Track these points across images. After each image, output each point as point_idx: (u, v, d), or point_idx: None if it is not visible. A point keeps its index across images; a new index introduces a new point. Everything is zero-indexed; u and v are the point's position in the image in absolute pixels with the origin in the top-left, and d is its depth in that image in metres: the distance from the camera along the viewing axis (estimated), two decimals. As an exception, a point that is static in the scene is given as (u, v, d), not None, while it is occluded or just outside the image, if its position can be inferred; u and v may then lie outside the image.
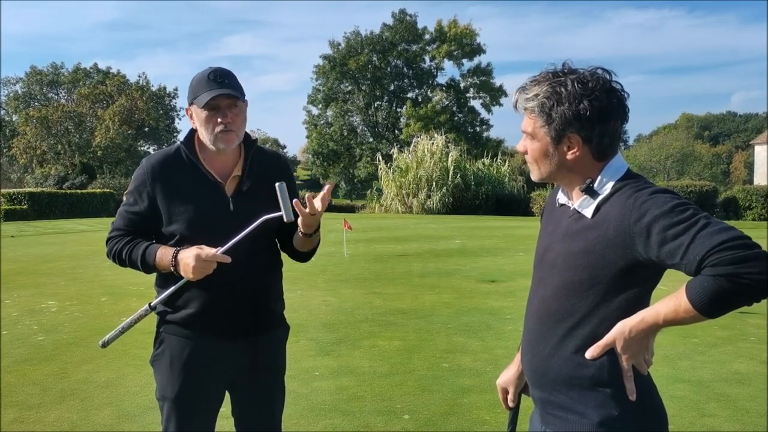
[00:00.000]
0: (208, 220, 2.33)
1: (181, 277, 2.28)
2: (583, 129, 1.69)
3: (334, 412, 4.36)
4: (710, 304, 1.51)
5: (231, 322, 2.38)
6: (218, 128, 2.30)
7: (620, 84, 1.73)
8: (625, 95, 1.73)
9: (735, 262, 1.46)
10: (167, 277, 2.38)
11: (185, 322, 2.36)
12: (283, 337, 2.59)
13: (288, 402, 2.63)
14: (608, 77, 1.71)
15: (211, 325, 2.36)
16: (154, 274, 2.47)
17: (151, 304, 2.37)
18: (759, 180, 42.86)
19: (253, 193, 2.40)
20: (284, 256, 2.59)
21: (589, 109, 1.67)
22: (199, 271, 2.22)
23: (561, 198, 1.86)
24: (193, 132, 2.42)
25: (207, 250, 2.23)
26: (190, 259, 2.22)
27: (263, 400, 2.51)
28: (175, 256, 2.26)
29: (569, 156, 1.74)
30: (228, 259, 2.23)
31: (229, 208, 2.35)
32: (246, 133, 2.44)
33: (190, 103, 2.36)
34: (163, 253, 2.30)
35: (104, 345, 2.44)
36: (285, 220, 2.24)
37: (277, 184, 2.24)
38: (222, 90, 2.28)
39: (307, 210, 2.23)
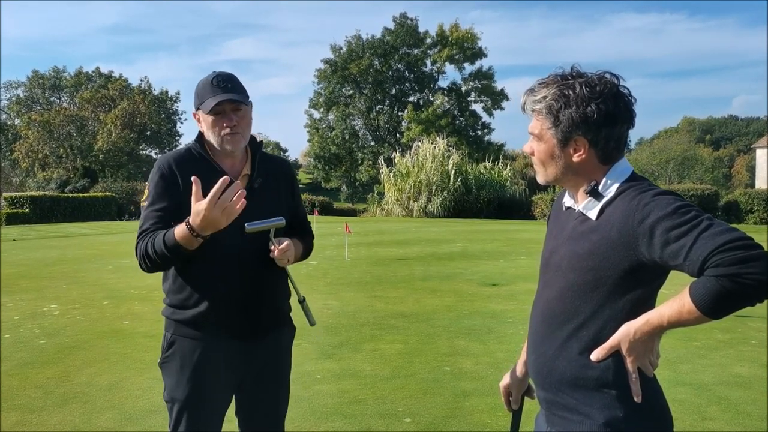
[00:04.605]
0: None
1: (202, 241, 2.21)
2: (590, 132, 1.71)
3: (335, 416, 4.37)
4: (713, 305, 1.51)
5: (241, 321, 2.40)
6: (224, 131, 2.35)
7: (627, 89, 1.74)
8: (632, 100, 1.74)
9: (737, 263, 1.47)
10: (177, 277, 2.40)
11: (195, 323, 2.38)
12: (290, 337, 2.62)
13: (289, 405, 2.64)
14: (616, 81, 1.73)
15: (221, 325, 2.38)
16: (161, 276, 2.49)
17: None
18: (760, 183, 42.83)
19: (264, 191, 2.45)
20: None
21: (596, 113, 1.68)
22: (213, 218, 2.15)
23: (567, 201, 1.88)
24: (202, 135, 2.46)
25: (202, 202, 2.15)
26: (198, 213, 2.15)
27: (270, 400, 2.53)
28: (188, 222, 2.20)
29: (575, 158, 1.75)
30: (227, 180, 2.16)
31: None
32: (251, 135, 2.50)
33: (197, 108, 2.41)
34: (179, 227, 2.22)
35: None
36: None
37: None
38: (226, 95, 2.33)
39: (276, 252, 2.36)
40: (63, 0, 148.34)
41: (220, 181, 2.14)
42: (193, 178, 2.19)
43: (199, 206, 2.16)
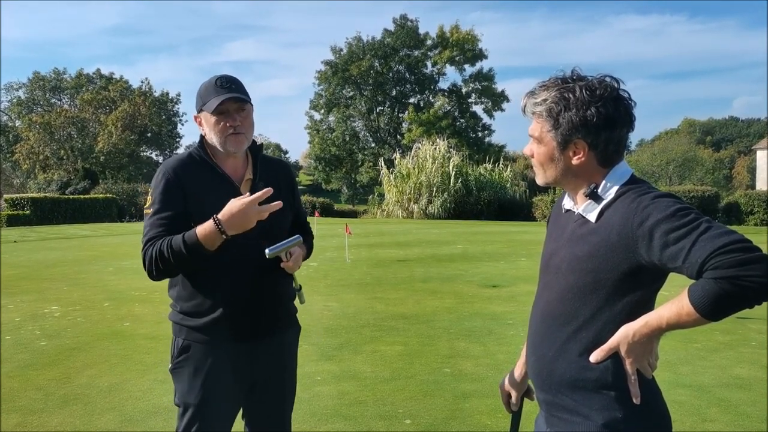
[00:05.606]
0: None
1: (222, 242, 2.25)
2: (590, 135, 1.72)
3: (335, 417, 4.37)
4: (712, 307, 1.52)
5: (250, 325, 2.41)
6: (228, 131, 2.36)
7: (628, 92, 1.75)
8: (632, 104, 1.75)
9: (736, 265, 1.47)
10: (186, 284, 2.40)
11: (207, 327, 2.38)
12: (295, 338, 2.64)
13: (291, 406, 2.65)
14: (616, 85, 1.74)
15: (231, 329, 2.39)
16: (167, 283, 2.49)
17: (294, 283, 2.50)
18: (761, 185, 42.83)
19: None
20: None
21: (595, 116, 1.69)
22: (247, 216, 2.22)
23: (567, 203, 1.89)
24: (203, 138, 2.46)
25: (238, 200, 2.25)
26: (235, 208, 2.22)
27: (276, 401, 2.54)
28: (216, 217, 2.23)
29: (575, 161, 1.76)
30: (270, 191, 2.27)
31: None
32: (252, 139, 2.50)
33: (199, 111, 2.42)
34: (204, 226, 2.24)
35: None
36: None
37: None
38: (230, 94, 2.35)
39: (290, 263, 2.39)
40: (63, 1, 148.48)
41: (264, 191, 2.25)
42: (268, 189, 2.27)
43: (240, 200, 2.23)
